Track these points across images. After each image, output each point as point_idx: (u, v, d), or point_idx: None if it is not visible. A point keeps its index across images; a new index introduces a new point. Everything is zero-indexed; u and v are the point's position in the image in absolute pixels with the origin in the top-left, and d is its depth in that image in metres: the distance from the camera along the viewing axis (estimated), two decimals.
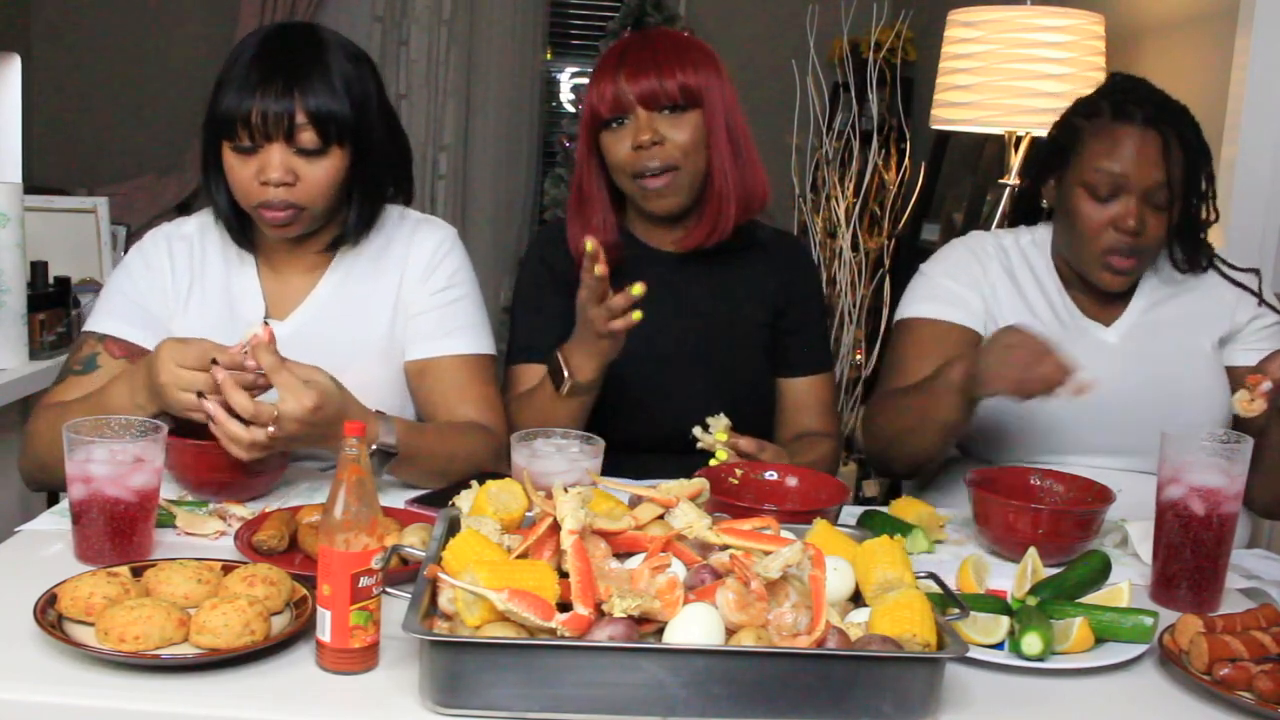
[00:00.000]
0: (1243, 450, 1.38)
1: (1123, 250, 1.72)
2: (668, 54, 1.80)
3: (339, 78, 1.61)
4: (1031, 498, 1.57)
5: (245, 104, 1.57)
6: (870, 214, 3.44)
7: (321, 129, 1.59)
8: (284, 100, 1.57)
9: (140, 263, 1.74)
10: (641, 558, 1.16)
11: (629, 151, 1.80)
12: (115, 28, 5.13)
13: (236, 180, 1.62)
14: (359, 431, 1.12)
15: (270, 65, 1.58)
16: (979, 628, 1.24)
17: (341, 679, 1.10)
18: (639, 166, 1.80)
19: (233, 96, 1.58)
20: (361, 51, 1.71)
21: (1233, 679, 1.14)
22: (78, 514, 1.32)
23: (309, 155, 1.60)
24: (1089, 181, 1.72)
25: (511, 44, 5.29)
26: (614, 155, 1.82)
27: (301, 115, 1.58)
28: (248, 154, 1.60)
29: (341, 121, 1.60)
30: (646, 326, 1.88)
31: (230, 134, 1.59)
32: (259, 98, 1.56)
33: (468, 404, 1.73)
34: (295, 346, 1.70)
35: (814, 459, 1.82)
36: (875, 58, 3.42)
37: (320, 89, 1.59)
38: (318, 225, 1.69)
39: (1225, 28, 2.64)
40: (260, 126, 1.57)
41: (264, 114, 1.56)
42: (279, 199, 1.60)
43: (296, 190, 1.60)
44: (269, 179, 1.59)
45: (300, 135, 1.58)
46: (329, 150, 1.61)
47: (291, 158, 1.59)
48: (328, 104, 1.59)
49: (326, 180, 1.62)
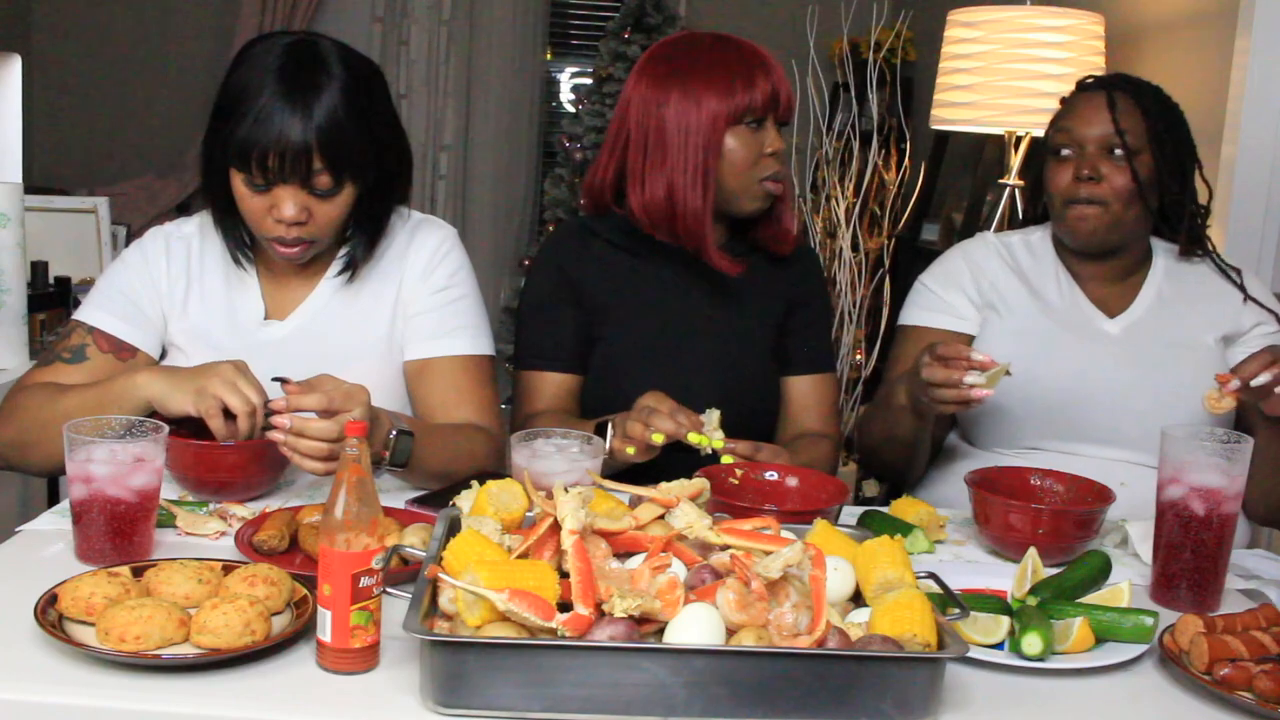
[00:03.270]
0: (1243, 450, 1.38)
1: (1081, 198, 1.79)
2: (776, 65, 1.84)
3: (355, 114, 1.57)
4: (1031, 498, 1.57)
5: (261, 144, 1.52)
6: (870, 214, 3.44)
7: (336, 173, 1.57)
8: (300, 144, 1.52)
9: (139, 259, 1.74)
10: (642, 558, 1.16)
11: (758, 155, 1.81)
12: (115, 27, 5.13)
13: (247, 209, 1.60)
14: (359, 431, 1.12)
15: (287, 104, 1.53)
16: (979, 628, 1.24)
17: (342, 679, 1.10)
18: (766, 171, 1.82)
19: (246, 131, 1.53)
20: (371, 66, 1.66)
21: (1233, 679, 1.14)
22: (78, 514, 1.32)
23: (322, 195, 1.58)
24: (1051, 144, 1.85)
25: (511, 44, 5.29)
26: (743, 155, 1.81)
27: (319, 161, 1.54)
28: (261, 190, 1.57)
29: (357, 163, 1.58)
30: (658, 329, 1.88)
31: (243, 167, 1.56)
32: (275, 140, 1.52)
33: (466, 405, 1.73)
34: (294, 347, 1.71)
35: (811, 459, 1.82)
36: (875, 58, 3.42)
37: (337, 132, 1.54)
38: (325, 249, 1.70)
39: (1225, 28, 2.64)
40: (276, 170, 1.54)
41: (281, 157, 1.53)
42: (294, 235, 1.59)
43: (309, 226, 1.59)
44: (284, 217, 1.57)
45: (316, 179, 1.56)
46: (342, 189, 1.59)
47: (305, 198, 1.57)
48: (344, 148, 1.55)
49: (339, 216, 1.62)
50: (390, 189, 1.70)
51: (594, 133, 4.61)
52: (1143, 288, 1.89)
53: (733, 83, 1.78)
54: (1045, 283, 1.90)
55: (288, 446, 1.41)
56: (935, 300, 1.93)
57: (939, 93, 3.09)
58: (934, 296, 1.93)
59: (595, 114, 4.63)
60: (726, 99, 1.78)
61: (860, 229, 3.38)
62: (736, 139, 1.79)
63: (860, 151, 3.43)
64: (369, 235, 1.71)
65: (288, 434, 1.40)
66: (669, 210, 1.82)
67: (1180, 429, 1.43)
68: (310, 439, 1.40)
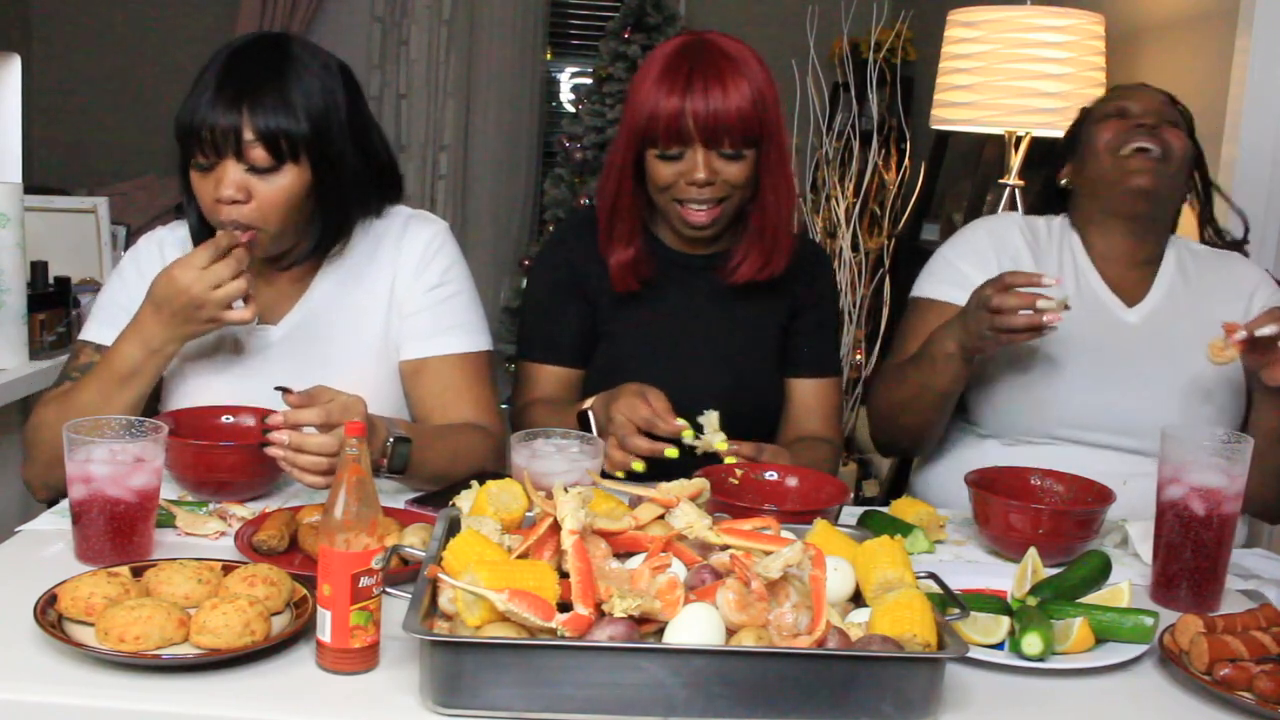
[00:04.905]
0: (1243, 450, 1.38)
1: (1141, 145, 1.78)
2: (734, 83, 1.71)
3: (298, 93, 1.57)
4: (1031, 498, 1.57)
5: (198, 119, 1.55)
6: (870, 214, 3.44)
7: (271, 146, 1.56)
8: (232, 116, 1.54)
9: (133, 270, 1.74)
10: (642, 558, 1.16)
11: (678, 180, 1.76)
12: (115, 28, 5.13)
13: (201, 198, 1.61)
14: (359, 431, 1.12)
15: (226, 81, 1.56)
16: (979, 628, 1.24)
17: (342, 679, 1.10)
18: (686, 195, 1.77)
19: (189, 111, 1.57)
20: (336, 61, 1.67)
21: (1233, 679, 1.14)
22: (78, 514, 1.32)
23: (262, 173, 1.57)
24: (1106, 113, 1.86)
25: (511, 44, 5.29)
26: (660, 177, 1.77)
27: (249, 132, 1.55)
28: (206, 171, 1.58)
29: (294, 138, 1.57)
30: (664, 326, 1.88)
31: (190, 149, 1.58)
32: (210, 113, 1.54)
33: (464, 404, 1.72)
34: (289, 350, 1.70)
35: (811, 463, 1.81)
36: (875, 58, 3.42)
37: (272, 106, 1.55)
38: (284, 246, 1.67)
39: (1225, 28, 2.64)
40: (210, 142, 1.55)
41: (213, 129, 1.54)
42: (232, 218, 1.57)
43: (249, 209, 1.58)
44: (221, 195, 1.56)
45: (250, 152, 1.55)
46: (282, 167, 1.58)
47: (245, 175, 1.57)
48: (278, 121, 1.55)
49: (281, 198, 1.59)
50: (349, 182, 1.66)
51: (594, 133, 4.61)
52: (1158, 276, 1.88)
53: (651, 98, 1.73)
54: (1064, 267, 1.88)
55: (286, 461, 1.41)
56: (954, 274, 1.88)
57: (939, 93, 3.08)
58: (954, 270, 1.89)
59: (595, 114, 4.62)
60: (644, 120, 1.74)
61: (860, 229, 3.39)
62: (655, 160, 1.77)
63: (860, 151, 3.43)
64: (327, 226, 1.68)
65: (286, 450, 1.40)
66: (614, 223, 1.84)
67: (1180, 429, 1.43)
68: (309, 454, 1.40)
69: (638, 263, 1.85)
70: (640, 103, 1.75)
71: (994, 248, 1.89)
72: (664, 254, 1.90)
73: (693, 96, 1.71)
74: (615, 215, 1.85)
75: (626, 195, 1.83)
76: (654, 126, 1.73)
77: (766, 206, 1.82)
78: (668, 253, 1.90)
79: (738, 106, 1.71)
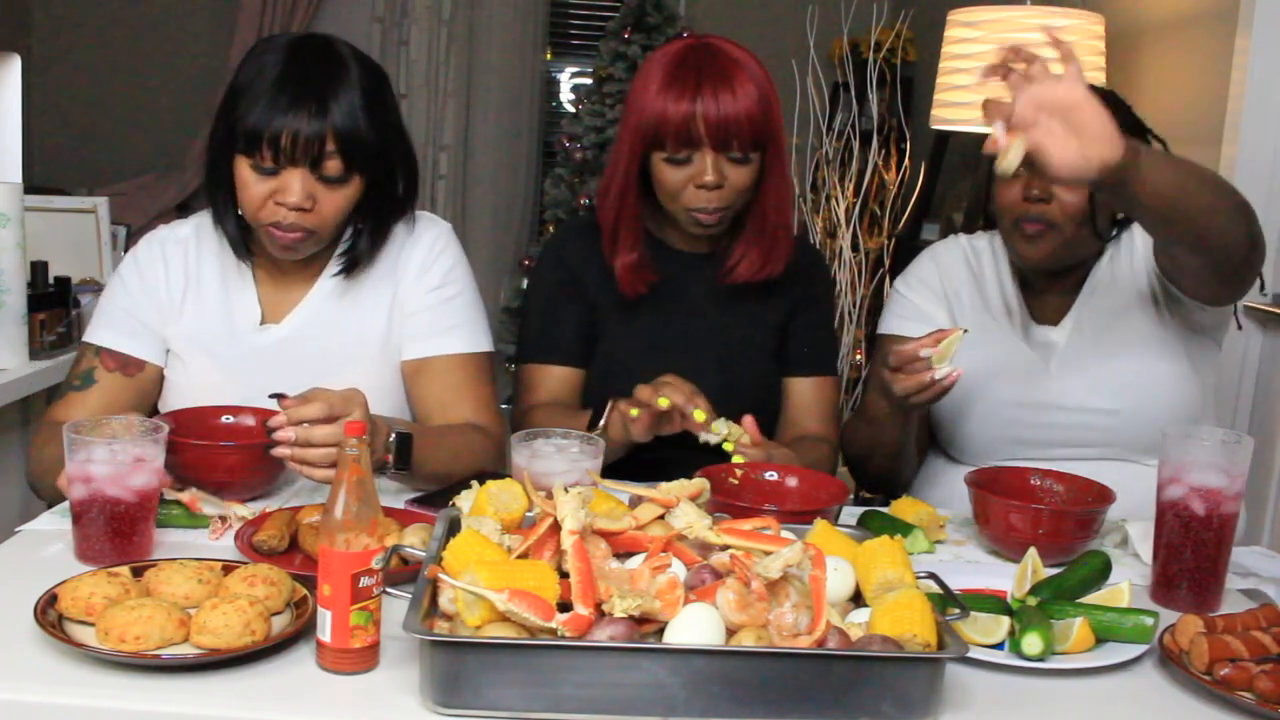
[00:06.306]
0: (1243, 450, 1.38)
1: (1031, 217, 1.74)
2: (742, 87, 1.72)
3: (365, 104, 1.57)
4: (1031, 498, 1.57)
5: (275, 124, 1.52)
6: (870, 214, 3.44)
7: (347, 157, 1.56)
8: (315, 125, 1.53)
9: (134, 271, 1.73)
10: (642, 558, 1.16)
11: (687, 184, 1.76)
12: (116, 27, 5.13)
13: (249, 196, 1.58)
14: (359, 431, 1.12)
15: (301, 87, 1.54)
16: (979, 628, 1.24)
17: (342, 679, 1.10)
18: (695, 202, 1.77)
19: (259, 114, 1.53)
20: (378, 67, 1.67)
21: (1233, 679, 1.14)
22: (78, 514, 1.32)
23: (330, 182, 1.57)
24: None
25: (511, 44, 5.29)
26: (668, 181, 1.77)
27: (331, 143, 1.54)
28: (268, 174, 1.56)
29: (367, 149, 1.58)
30: (663, 327, 1.88)
31: (252, 151, 1.55)
32: (290, 119, 1.52)
33: (465, 404, 1.72)
34: (292, 350, 1.70)
35: (809, 463, 1.81)
36: (875, 58, 3.42)
37: (350, 116, 1.55)
38: (323, 247, 1.69)
39: (1225, 28, 2.64)
40: (288, 150, 1.53)
41: (294, 137, 1.53)
42: (292, 222, 1.58)
43: (311, 215, 1.58)
44: (287, 202, 1.56)
45: (327, 163, 1.55)
46: (350, 178, 1.59)
47: (313, 183, 1.57)
48: (356, 132, 1.55)
49: (344, 206, 1.61)
50: (394, 191, 1.69)
51: (594, 133, 4.61)
52: (1080, 290, 1.86)
53: (658, 101, 1.73)
54: (998, 292, 1.90)
55: (295, 459, 1.39)
56: (908, 306, 1.94)
57: (939, 93, 3.09)
58: (907, 303, 1.94)
59: (595, 114, 4.62)
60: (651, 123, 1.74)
61: (860, 229, 3.39)
62: (662, 163, 1.77)
63: (860, 151, 3.43)
64: (372, 234, 1.70)
65: (293, 446, 1.39)
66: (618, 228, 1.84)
67: (1180, 429, 1.44)
68: (318, 446, 1.39)
69: (643, 265, 1.86)
70: (646, 107, 1.75)
71: (940, 276, 1.94)
72: (665, 254, 1.91)
73: (703, 100, 1.72)
74: (620, 221, 1.85)
75: (631, 200, 1.83)
76: (663, 130, 1.74)
77: (766, 207, 1.83)
78: (669, 252, 1.91)
79: (746, 110, 1.72)
